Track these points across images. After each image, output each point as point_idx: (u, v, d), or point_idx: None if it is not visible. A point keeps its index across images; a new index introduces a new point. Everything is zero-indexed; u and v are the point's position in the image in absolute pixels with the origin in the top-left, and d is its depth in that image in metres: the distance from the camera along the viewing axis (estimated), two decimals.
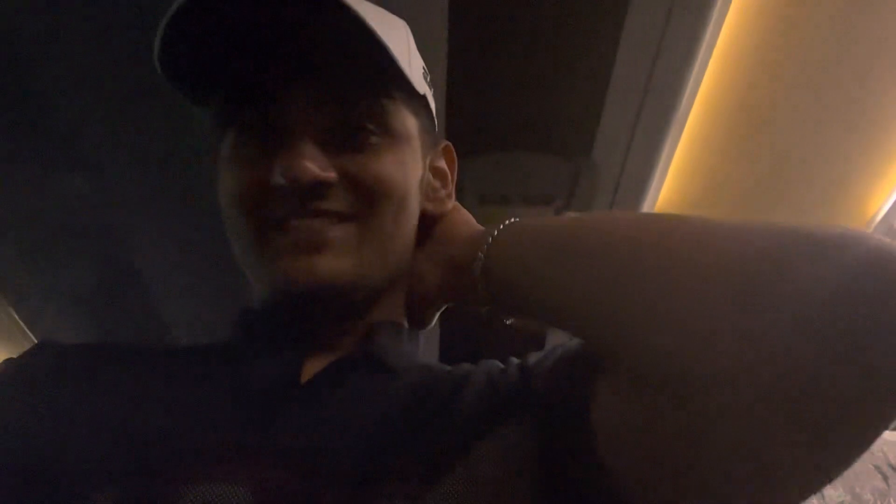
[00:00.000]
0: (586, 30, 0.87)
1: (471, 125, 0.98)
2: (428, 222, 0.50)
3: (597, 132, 0.98)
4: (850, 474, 1.13)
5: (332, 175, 0.40)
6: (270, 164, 0.40)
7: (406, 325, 0.50)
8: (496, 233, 0.42)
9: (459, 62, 0.88)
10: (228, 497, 0.33)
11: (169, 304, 1.07)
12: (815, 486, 0.28)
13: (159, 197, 1.00)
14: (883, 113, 1.04)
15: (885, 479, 1.14)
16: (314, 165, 0.39)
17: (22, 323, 1.13)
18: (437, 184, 0.51)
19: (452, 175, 0.53)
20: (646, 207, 1.09)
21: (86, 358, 0.45)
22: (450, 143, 0.54)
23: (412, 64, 0.45)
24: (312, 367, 0.43)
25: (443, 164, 0.53)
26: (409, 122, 0.46)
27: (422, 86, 0.46)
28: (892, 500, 1.09)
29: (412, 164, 0.46)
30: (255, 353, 0.44)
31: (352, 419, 0.39)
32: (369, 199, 0.42)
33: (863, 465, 1.14)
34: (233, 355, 0.45)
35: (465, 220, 0.51)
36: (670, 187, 1.14)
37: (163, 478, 0.34)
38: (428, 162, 0.50)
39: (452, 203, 0.52)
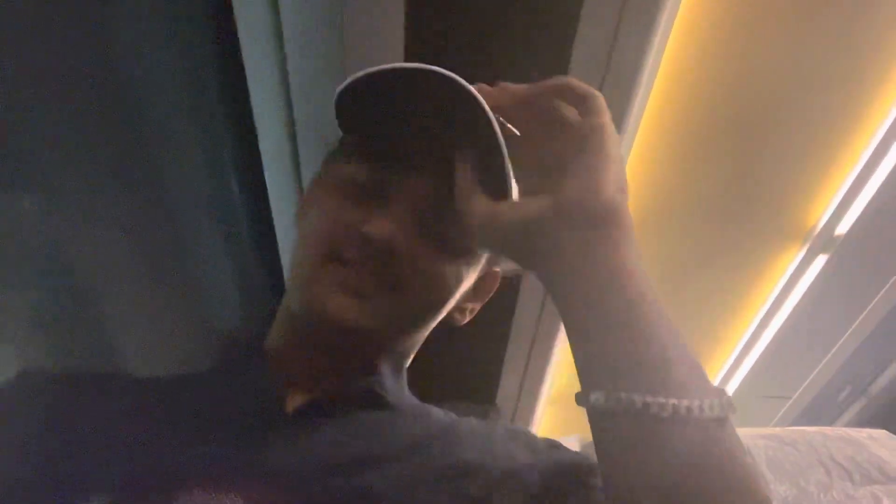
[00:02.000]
0: (537, 44, 0.88)
1: None
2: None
3: None
4: (795, 469, 1.18)
5: (406, 254, 0.44)
6: (367, 212, 0.43)
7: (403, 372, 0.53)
8: None
9: None
10: None
11: (122, 331, 1.06)
12: None
13: (114, 220, 0.99)
14: (824, 125, 1.08)
15: (828, 472, 1.19)
16: (402, 239, 0.43)
17: None
18: (467, 303, 0.55)
19: (481, 301, 0.56)
20: None
21: (72, 384, 0.47)
22: (499, 273, 0.56)
23: None
24: (301, 398, 0.45)
25: (482, 284, 0.55)
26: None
27: None
28: (834, 493, 1.13)
29: (466, 281, 0.49)
30: (240, 385, 0.46)
31: (346, 450, 0.41)
32: (413, 288, 0.45)
33: (807, 460, 1.19)
34: (218, 384, 0.47)
35: None
36: None
37: (156, 486, 0.36)
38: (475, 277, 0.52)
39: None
